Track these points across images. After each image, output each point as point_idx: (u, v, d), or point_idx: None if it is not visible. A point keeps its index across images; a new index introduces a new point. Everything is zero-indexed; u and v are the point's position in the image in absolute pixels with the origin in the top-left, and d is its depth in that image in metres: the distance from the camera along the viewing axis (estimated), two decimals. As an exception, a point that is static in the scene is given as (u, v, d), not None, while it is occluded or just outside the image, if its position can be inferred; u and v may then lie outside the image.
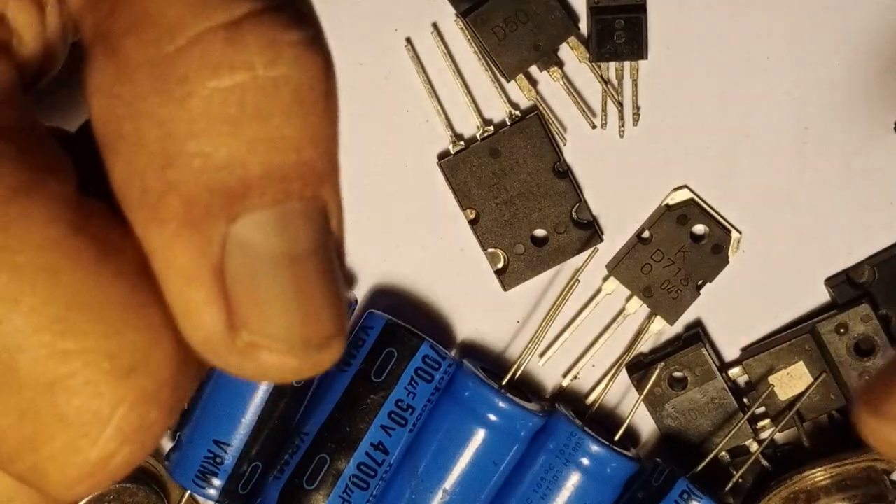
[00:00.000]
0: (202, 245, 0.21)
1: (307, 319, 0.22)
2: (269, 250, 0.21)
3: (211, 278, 0.21)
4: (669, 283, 0.46)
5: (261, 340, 0.22)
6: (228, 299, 0.21)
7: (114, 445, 0.21)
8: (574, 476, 0.44)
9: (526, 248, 0.46)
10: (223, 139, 0.21)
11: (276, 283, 0.21)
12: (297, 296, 0.22)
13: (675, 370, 0.46)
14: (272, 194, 0.21)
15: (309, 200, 0.22)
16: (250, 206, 0.21)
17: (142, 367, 0.21)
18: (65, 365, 0.21)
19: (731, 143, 0.46)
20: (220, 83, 0.21)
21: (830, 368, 0.46)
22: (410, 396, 0.44)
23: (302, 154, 0.21)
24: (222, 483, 0.44)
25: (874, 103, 0.46)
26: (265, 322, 0.21)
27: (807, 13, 0.45)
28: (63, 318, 0.21)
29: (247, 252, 0.21)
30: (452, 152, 0.46)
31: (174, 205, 0.21)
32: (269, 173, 0.21)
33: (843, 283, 0.46)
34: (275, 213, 0.21)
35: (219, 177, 0.21)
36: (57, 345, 0.21)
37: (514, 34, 0.45)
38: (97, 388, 0.21)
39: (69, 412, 0.21)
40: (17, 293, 0.21)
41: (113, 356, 0.21)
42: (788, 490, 0.45)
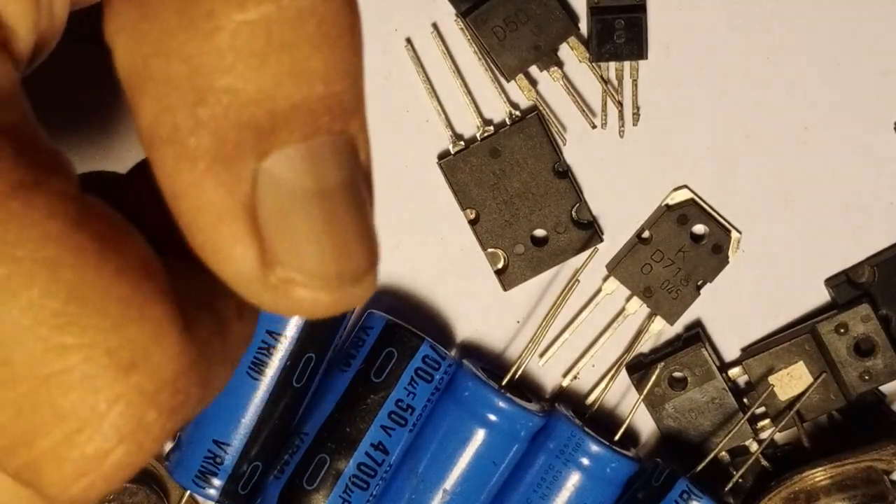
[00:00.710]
0: (233, 182, 0.21)
1: (340, 254, 0.22)
2: (299, 185, 0.21)
3: (243, 215, 0.21)
4: (669, 283, 0.46)
5: (294, 276, 0.21)
6: (261, 236, 0.21)
7: (110, 443, 0.21)
8: (574, 476, 0.44)
9: (526, 248, 0.46)
10: (251, 73, 0.21)
11: (307, 219, 0.21)
12: (329, 231, 0.21)
13: (675, 370, 0.46)
14: (301, 129, 0.21)
15: (338, 134, 0.22)
16: (280, 142, 0.21)
17: (141, 365, 0.21)
18: (62, 359, 0.21)
19: (731, 143, 0.46)
20: (246, 16, 0.21)
21: (830, 368, 0.46)
22: (410, 396, 0.44)
23: (329, 87, 0.21)
24: (222, 483, 0.44)
25: (874, 103, 0.46)
26: (298, 257, 0.21)
27: (806, 13, 0.45)
28: (62, 312, 0.21)
29: (278, 188, 0.21)
30: (452, 152, 0.46)
31: (205, 141, 0.21)
32: (298, 107, 0.21)
33: (843, 283, 0.46)
34: (304, 147, 0.21)
35: (248, 112, 0.21)
36: (55, 339, 0.21)
37: (514, 34, 0.45)
38: (95, 383, 0.21)
39: (65, 407, 0.21)
40: (16, 286, 0.21)
41: (112, 351, 0.21)
42: (788, 490, 0.45)
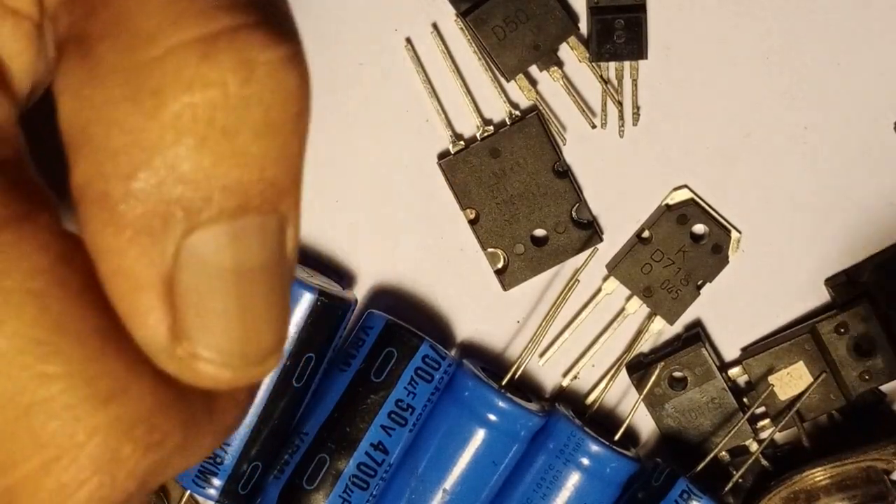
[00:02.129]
0: (156, 254, 0.21)
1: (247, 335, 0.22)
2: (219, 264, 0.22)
3: (160, 287, 0.21)
4: (669, 283, 0.46)
5: (200, 351, 0.22)
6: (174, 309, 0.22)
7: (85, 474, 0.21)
8: (574, 476, 0.44)
9: (526, 247, 0.46)
10: (189, 153, 0.21)
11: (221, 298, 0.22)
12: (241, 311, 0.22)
13: (675, 370, 0.46)
14: (231, 210, 0.21)
15: (266, 215, 0.22)
16: (207, 220, 0.21)
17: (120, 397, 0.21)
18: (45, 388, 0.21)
19: (731, 143, 0.46)
20: (192, 98, 0.21)
21: (830, 368, 0.46)
22: (410, 396, 0.44)
23: (265, 172, 0.22)
24: (222, 483, 0.44)
25: (874, 103, 0.46)
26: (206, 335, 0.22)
27: (807, 13, 0.45)
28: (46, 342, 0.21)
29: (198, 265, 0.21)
30: (452, 152, 0.46)
31: (134, 213, 0.21)
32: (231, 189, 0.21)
33: (843, 283, 0.46)
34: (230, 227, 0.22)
35: (181, 189, 0.21)
36: (38, 367, 0.21)
37: (514, 34, 0.45)
38: (75, 412, 0.21)
39: (45, 435, 0.21)
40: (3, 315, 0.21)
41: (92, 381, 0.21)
42: (788, 490, 0.45)
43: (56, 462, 0.21)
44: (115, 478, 0.22)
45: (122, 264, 0.21)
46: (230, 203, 0.21)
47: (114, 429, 0.21)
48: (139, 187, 0.21)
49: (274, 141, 0.22)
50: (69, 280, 0.21)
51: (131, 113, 0.21)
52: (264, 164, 0.21)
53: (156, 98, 0.21)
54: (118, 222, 0.21)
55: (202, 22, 0.21)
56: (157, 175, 0.21)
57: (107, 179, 0.21)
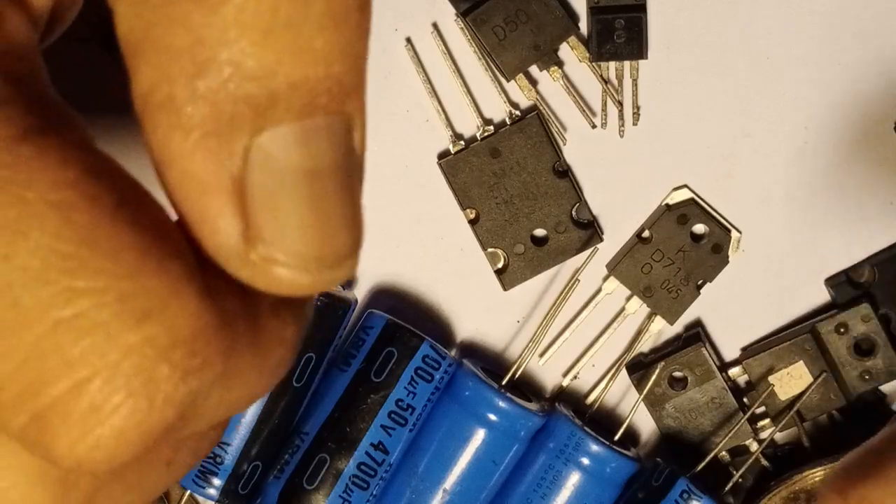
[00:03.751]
0: (224, 156, 0.21)
1: (323, 237, 0.21)
2: (290, 165, 0.21)
3: (230, 189, 0.21)
4: (669, 283, 0.46)
5: (275, 255, 0.21)
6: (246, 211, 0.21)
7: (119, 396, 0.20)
8: (574, 476, 0.44)
9: (526, 247, 0.46)
10: (254, 49, 0.21)
11: (295, 199, 0.21)
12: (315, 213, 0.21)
13: (675, 370, 0.46)
14: (298, 108, 0.21)
15: (334, 115, 0.21)
16: (276, 119, 0.21)
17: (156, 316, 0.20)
18: (72, 304, 0.20)
19: (731, 143, 0.46)
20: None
21: (830, 368, 0.46)
22: (410, 396, 0.44)
23: (330, 68, 0.21)
24: (222, 483, 0.44)
25: (874, 103, 0.46)
26: (281, 237, 0.21)
27: (807, 13, 0.45)
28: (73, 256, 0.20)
29: (268, 165, 0.21)
30: (452, 152, 0.46)
31: (200, 113, 0.21)
32: (297, 86, 0.21)
33: (843, 282, 0.46)
34: (299, 127, 0.21)
35: (247, 87, 0.21)
36: (65, 282, 0.20)
37: (514, 34, 0.45)
38: (106, 330, 0.20)
39: (74, 354, 0.20)
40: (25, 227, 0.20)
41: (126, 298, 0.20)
42: (788, 490, 0.45)
43: (88, 383, 0.20)
44: (152, 402, 0.20)
45: (191, 168, 0.21)
46: (298, 100, 0.21)
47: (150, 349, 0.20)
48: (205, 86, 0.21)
49: (338, 35, 0.21)
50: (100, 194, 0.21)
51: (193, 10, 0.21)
52: (330, 60, 0.21)
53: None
54: (185, 125, 0.21)
55: None
56: (222, 73, 0.21)
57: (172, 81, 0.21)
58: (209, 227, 0.21)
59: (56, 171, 0.20)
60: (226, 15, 0.20)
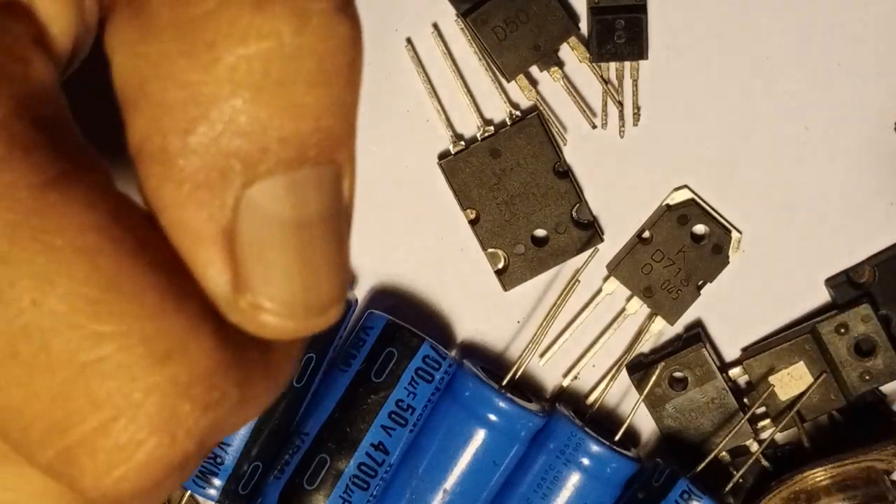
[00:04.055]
0: (215, 207, 0.21)
1: (309, 286, 0.22)
2: (279, 216, 0.22)
3: (221, 240, 0.21)
4: (670, 283, 0.46)
5: (262, 303, 0.22)
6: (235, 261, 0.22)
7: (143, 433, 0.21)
8: (574, 476, 0.44)
9: (526, 248, 0.46)
10: (245, 105, 0.21)
11: (282, 249, 0.22)
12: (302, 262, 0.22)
13: (676, 370, 0.46)
14: (288, 161, 0.21)
15: (323, 166, 0.22)
16: (265, 172, 0.21)
17: (177, 356, 0.21)
18: (99, 347, 0.21)
19: (731, 143, 0.46)
20: (246, 50, 0.21)
21: (831, 368, 0.46)
22: (411, 396, 0.44)
23: (321, 122, 0.22)
24: (222, 483, 0.44)
25: (874, 103, 0.46)
26: (268, 286, 0.22)
27: (807, 13, 0.45)
28: (99, 301, 0.21)
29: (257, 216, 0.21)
30: (452, 152, 0.46)
31: (192, 166, 0.21)
32: (287, 140, 0.21)
33: (843, 283, 0.46)
34: (288, 178, 0.22)
35: (238, 142, 0.21)
36: (92, 327, 0.21)
37: (514, 34, 0.45)
38: (131, 371, 0.21)
39: (101, 395, 0.21)
40: (54, 274, 0.21)
41: (148, 340, 0.21)
42: (789, 490, 0.45)
43: (114, 422, 0.21)
44: (174, 437, 0.21)
45: (182, 218, 0.21)
46: (287, 154, 0.21)
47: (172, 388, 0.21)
48: (197, 141, 0.21)
49: (328, 91, 0.22)
50: (122, 238, 0.21)
51: (187, 67, 0.21)
52: (319, 115, 0.22)
53: (211, 51, 0.21)
54: (177, 177, 0.21)
55: None
56: (214, 128, 0.21)
57: (164, 134, 0.21)
58: (201, 274, 0.22)
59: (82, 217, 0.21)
60: (219, 73, 0.21)
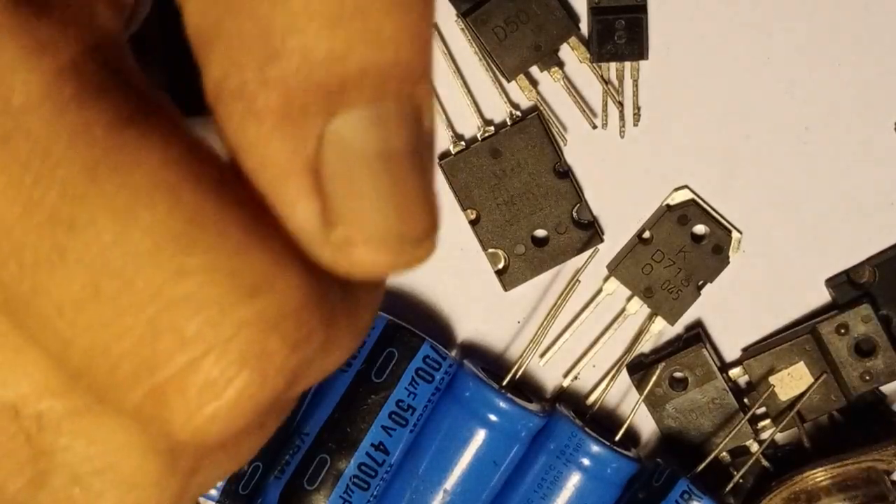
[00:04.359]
0: (299, 141, 0.21)
1: (402, 216, 0.22)
2: (365, 148, 0.22)
3: (307, 174, 0.21)
4: (670, 284, 0.46)
5: (355, 236, 0.22)
6: (324, 194, 0.22)
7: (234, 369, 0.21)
8: (575, 476, 0.44)
9: (526, 248, 0.46)
10: (323, 35, 0.21)
11: (371, 181, 0.22)
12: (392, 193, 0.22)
13: (676, 370, 0.46)
14: (369, 92, 0.21)
15: (404, 99, 0.22)
16: (348, 104, 0.21)
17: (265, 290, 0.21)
18: (186, 281, 0.21)
19: (731, 143, 0.46)
20: None
21: (831, 369, 0.46)
22: (411, 397, 0.44)
23: (399, 52, 0.22)
24: (222, 483, 0.44)
25: (874, 103, 0.46)
26: (360, 218, 0.22)
27: (807, 13, 0.45)
28: (184, 235, 0.21)
29: (343, 149, 0.21)
30: (453, 152, 0.46)
31: (273, 100, 0.21)
32: (367, 71, 0.21)
33: (843, 283, 0.46)
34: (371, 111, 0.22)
35: (318, 73, 0.21)
36: (177, 261, 0.21)
37: (514, 34, 0.45)
38: (219, 306, 0.21)
39: (189, 331, 0.21)
40: (136, 209, 0.21)
41: (236, 274, 0.21)
42: (789, 490, 0.45)
43: (203, 358, 0.21)
44: (265, 374, 0.21)
45: (267, 154, 0.21)
46: (368, 86, 0.21)
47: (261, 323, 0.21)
48: (276, 75, 0.21)
49: (405, 19, 0.22)
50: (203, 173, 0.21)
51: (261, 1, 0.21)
52: (397, 45, 0.22)
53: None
54: (258, 113, 0.21)
55: None
56: (292, 61, 0.21)
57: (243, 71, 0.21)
58: (289, 210, 0.22)
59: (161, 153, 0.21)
60: (294, 4, 0.21)
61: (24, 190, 0.21)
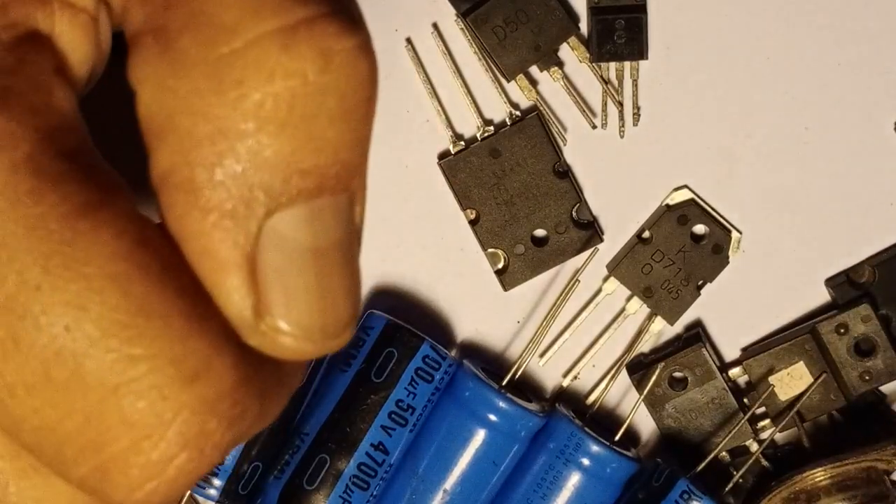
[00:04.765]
0: (240, 236, 0.22)
1: (326, 309, 0.23)
2: (298, 243, 0.23)
3: (244, 267, 0.22)
4: (670, 283, 0.46)
5: (282, 326, 0.23)
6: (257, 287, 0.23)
7: (174, 449, 0.22)
8: (574, 476, 0.44)
9: (526, 248, 0.46)
10: (271, 139, 0.22)
11: (302, 275, 0.23)
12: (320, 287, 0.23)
13: (676, 370, 0.46)
14: (308, 191, 0.22)
15: (339, 194, 0.23)
16: (287, 202, 0.22)
17: (204, 375, 0.22)
18: (131, 369, 0.22)
19: (731, 143, 0.46)
20: (273, 87, 0.22)
21: (831, 368, 0.46)
22: (411, 396, 0.44)
23: (339, 154, 0.23)
24: (222, 483, 0.44)
25: (874, 103, 0.46)
26: (288, 310, 0.23)
27: (807, 13, 0.45)
28: (131, 325, 0.22)
29: (279, 244, 0.22)
30: (452, 152, 0.46)
31: (218, 197, 0.22)
32: (309, 172, 0.22)
33: (843, 283, 0.46)
34: (308, 208, 0.23)
35: (262, 174, 0.22)
36: (124, 350, 0.22)
37: (514, 34, 0.45)
38: (161, 392, 0.22)
39: (133, 415, 0.22)
40: (87, 301, 0.21)
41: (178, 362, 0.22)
42: (789, 490, 0.45)
43: (146, 440, 0.22)
44: (203, 451, 0.22)
45: (207, 246, 0.22)
46: (308, 185, 0.22)
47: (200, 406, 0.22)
48: (224, 173, 0.22)
49: (348, 125, 0.23)
50: (149, 264, 0.22)
51: (216, 103, 0.22)
52: (339, 148, 0.23)
53: (239, 88, 0.22)
54: (203, 207, 0.22)
55: (281, 13, 0.22)
56: (240, 162, 0.22)
57: (192, 166, 0.22)
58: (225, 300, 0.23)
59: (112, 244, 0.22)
60: (246, 109, 0.22)
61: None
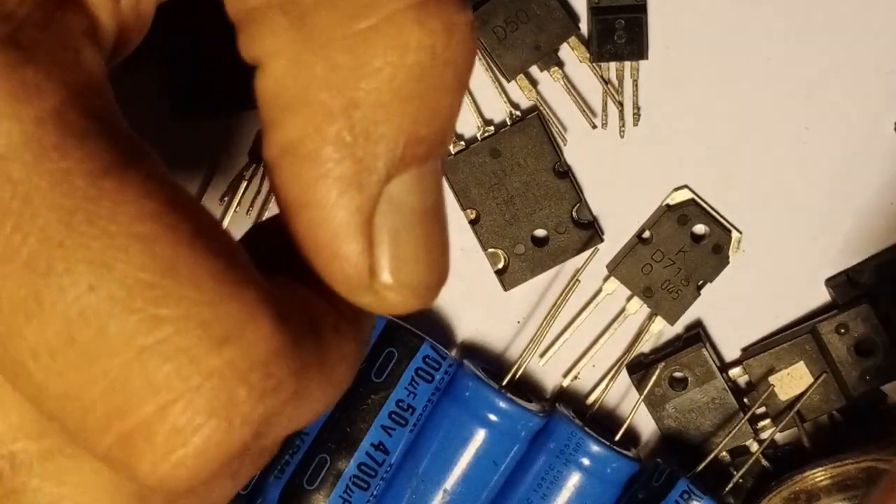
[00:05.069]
0: (362, 203, 0.23)
1: (430, 266, 0.24)
2: (410, 206, 0.24)
3: (364, 230, 0.23)
4: (670, 283, 0.46)
5: (394, 284, 0.24)
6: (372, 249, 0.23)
7: (201, 417, 0.21)
8: (574, 476, 0.44)
9: (526, 248, 0.46)
10: (399, 110, 0.23)
11: (411, 235, 0.24)
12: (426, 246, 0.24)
13: (676, 370, 0.46)
14: (421, 157, 0.23)
15: (437, 158, 0.24)
16: (403, 168, 0.23)
17: (234, 340, 0.22)
18: (157, 331, 0.21)
19: (731, 143, 0.46)
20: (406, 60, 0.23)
21: (831, 368, 0.46)
22: (411, 396, 0.44)
23: (447, 122, 0.24)
24: (223, 483, 0.44)
25: (874, 103, 0.46)
26: (400, 269, 0.24)
27: (807, 13, 0.45)
28: (157, 285, 0.21)
29: (394, 208, 0.23)
30: (452, 152, 0.46)
31: (347, 167, 0.23)
32: (423, 139, 0.23)
33: (843, 283, 0.46)
34: (417, 172, 0.24)
35: (388, 143, 0.23)
36: (149, 310, 0.21)
37: (514, 34, 0.45)
38: (189, 355, 0.21)
39: (159, 379, 0.21)
40: (111, 259, 0.21)
41: (206, 324, 0.21)
42: (789, 490, 0.45)
43: (172, 406, 0.21)
44: (231, 423, 0.22)
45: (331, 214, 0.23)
46: (421, 151, 0.23)
47: (229, 372, 0.21)
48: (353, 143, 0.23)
49: (457, 95, 0.24)
50: (178, 224, 0.22)
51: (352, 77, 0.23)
52: (449, 117, 0.24)
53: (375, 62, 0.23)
54: (330, 176, 0.23)
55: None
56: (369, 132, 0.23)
57: (322, 137, 0.23)
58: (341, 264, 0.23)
59: (138, 204, 0.22)
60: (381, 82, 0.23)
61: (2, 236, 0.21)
